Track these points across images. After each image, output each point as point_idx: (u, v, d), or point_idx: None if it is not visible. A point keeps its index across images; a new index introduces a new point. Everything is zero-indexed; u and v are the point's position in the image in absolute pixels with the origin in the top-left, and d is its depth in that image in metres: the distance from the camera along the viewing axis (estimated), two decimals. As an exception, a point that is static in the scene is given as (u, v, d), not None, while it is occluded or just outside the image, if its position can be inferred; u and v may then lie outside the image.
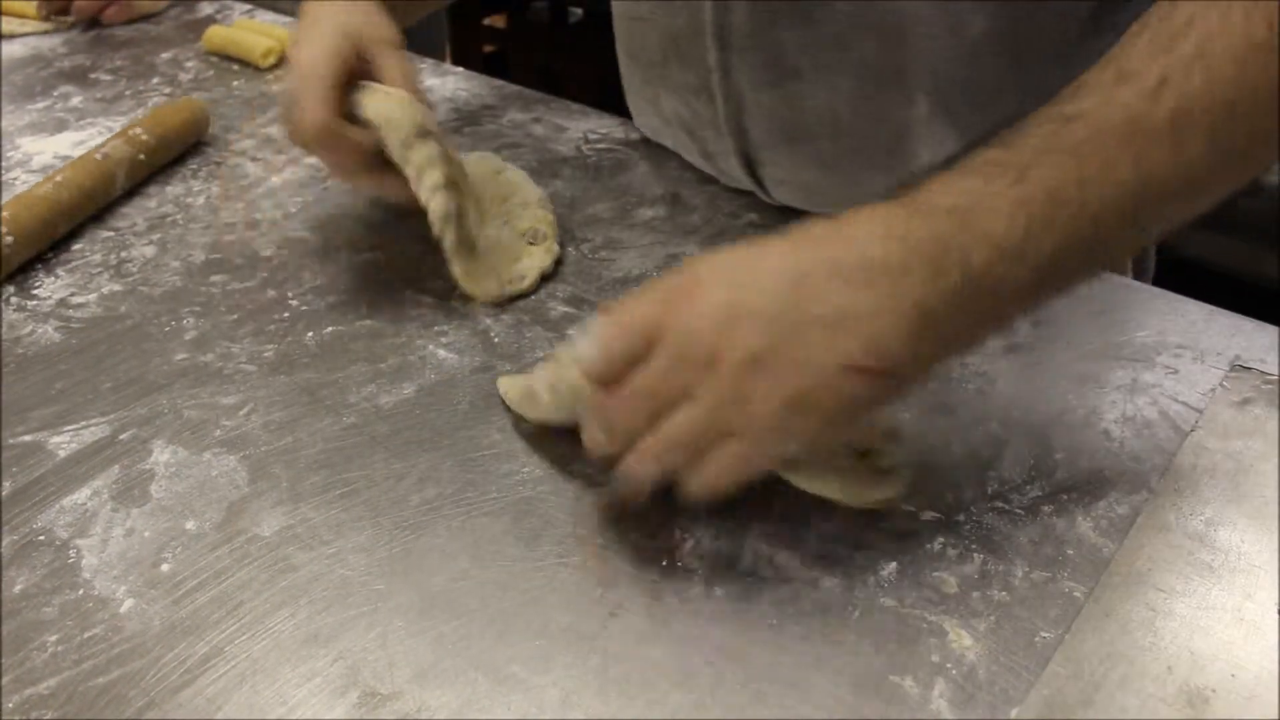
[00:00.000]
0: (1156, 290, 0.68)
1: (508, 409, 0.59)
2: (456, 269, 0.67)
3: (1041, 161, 0.45)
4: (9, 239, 0.70)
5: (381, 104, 0.66)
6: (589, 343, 0.48)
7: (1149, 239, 0.62)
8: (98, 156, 0.79)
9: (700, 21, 0.70)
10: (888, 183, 0.52)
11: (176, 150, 0.85)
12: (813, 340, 0.43)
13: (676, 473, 0.47)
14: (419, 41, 1.20)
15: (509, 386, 0.59)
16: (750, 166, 0.75)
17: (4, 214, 0.70)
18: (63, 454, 0.57)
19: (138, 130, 0.82)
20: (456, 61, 1.87)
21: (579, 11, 2.08)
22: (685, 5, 0.71)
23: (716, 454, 0.45)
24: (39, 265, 0.73)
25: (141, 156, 0.80)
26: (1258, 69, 0.46)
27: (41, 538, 0.52)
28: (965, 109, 0.67)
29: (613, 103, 0.94)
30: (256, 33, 1.04)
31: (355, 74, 0.67)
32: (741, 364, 0.44)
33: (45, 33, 1.10)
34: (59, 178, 0.75)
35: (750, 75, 0.71)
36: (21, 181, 0.81)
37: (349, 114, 0.66)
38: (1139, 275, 0.78)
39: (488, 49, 2.44)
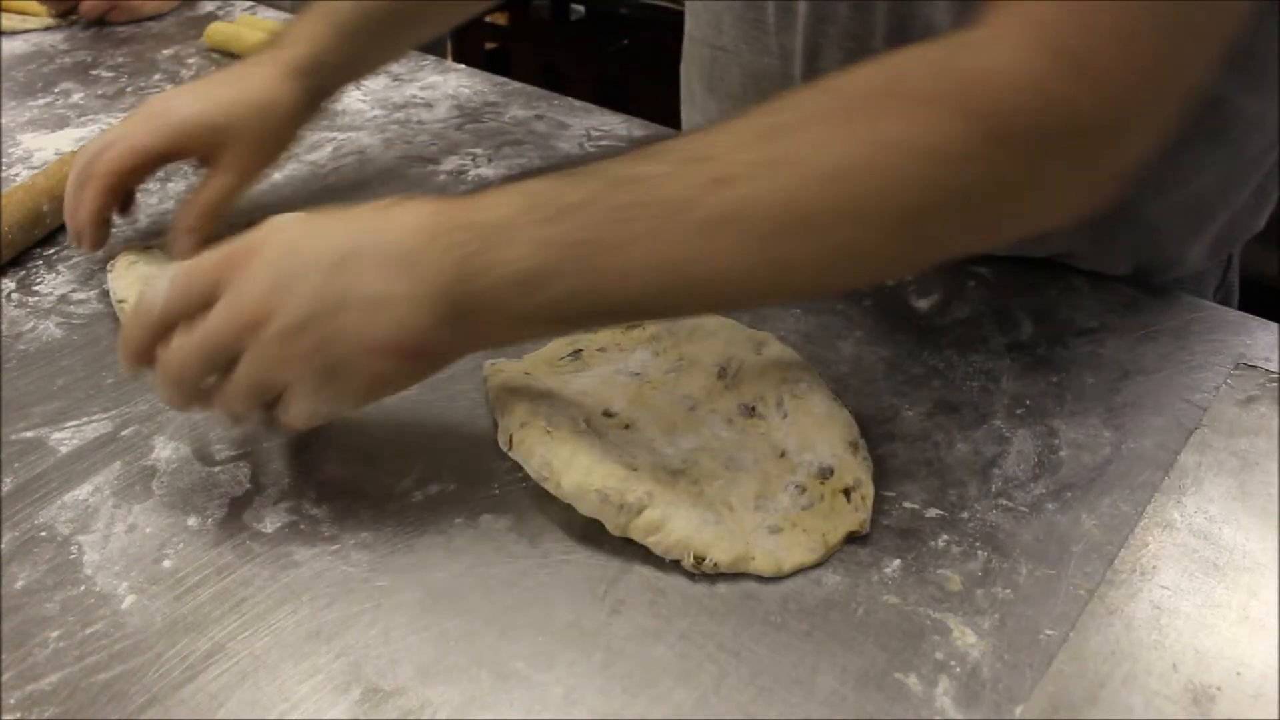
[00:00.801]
0: (1159, 288, 0.68)
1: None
2: None
3: (578, 213, 0.46)
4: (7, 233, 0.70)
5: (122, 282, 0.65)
6: (157, 291, 0.50)
7: (691, 314, 0.61)
8: (75, 148, 0.79)
9: (790, 67, 0.68)
10: None
11: None
12: (347, 319, 0.47)
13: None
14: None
15: (495, 379, 0.58)
16: None
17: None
18: (64, 450, 0.57)
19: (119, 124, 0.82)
20: (458, 58, 1.87)
21: (581, 9, 2.08)
22: (777, 46, 0.69)
23: (282, 405, 0.50)
24: (39, 261, 0.72)
25: None
26: (837, 192, 0.45)
27: (43, 534, 0.52)
28: None
29: (614, 99, 0.94)
30: (259, 29, 1.04)
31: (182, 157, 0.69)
32: (285, 329, 0.47)
33: (47, 29, 1.10)
34: (41, 171, 0.76)
35: None
36: (23, 178, 0.81)
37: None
38: (1225, 301, 0.77)
39: (489, 46, 2.44)
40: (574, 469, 0.51)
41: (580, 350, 0.61)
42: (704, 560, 0.49)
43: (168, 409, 0.59)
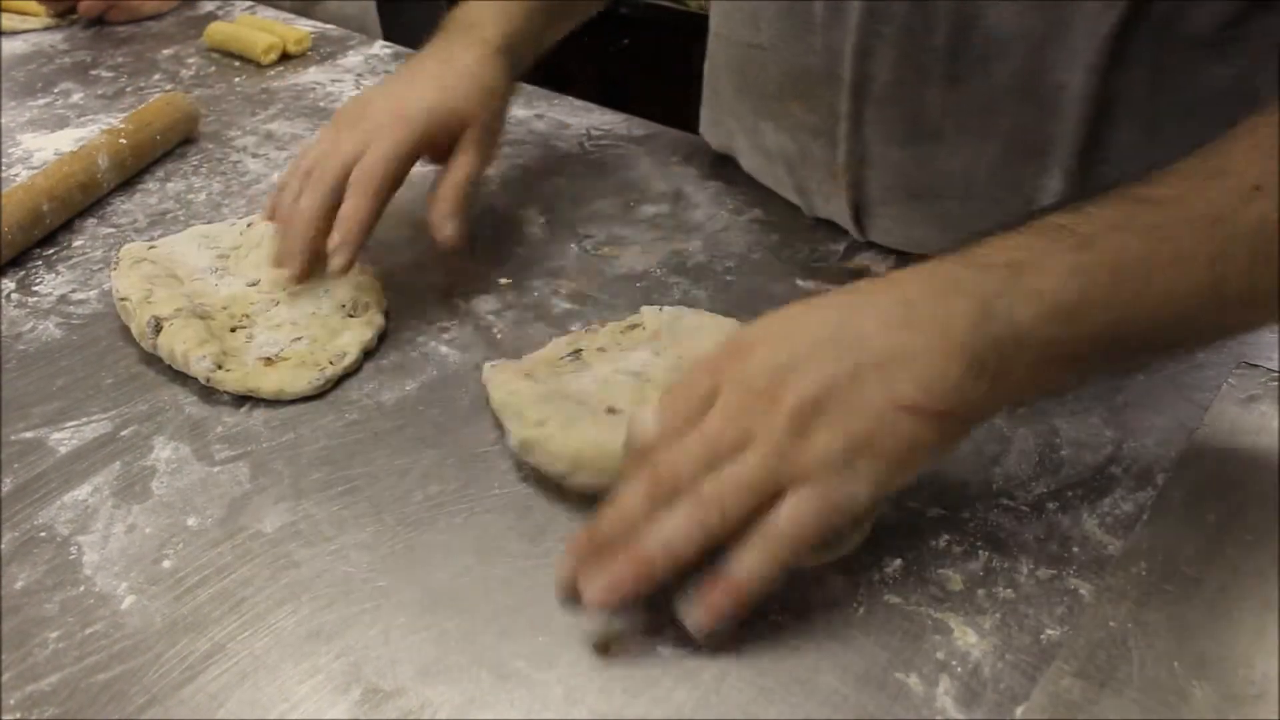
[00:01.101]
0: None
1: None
2: (250, 385, 0.60)
3: (1110, 237, 0.44)
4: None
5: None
6: (645, 416, 0.46)
7: (1206, 342, 0.57)
8: (75, 147, 0.80)
9: (837, 66, 0.66)
10: None
11: (159, 131, 0.84)
12: (866, 382, 0.43)
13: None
14: (421, 38, 1.20)
15: (496, 381, 0.58)
16: (858, 214, 0.72)
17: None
18: (64, 450, 0.57)
19: (118, 125, 0.82)
20: (458, 59, 1.86)
21: (581, 9, 2.08)
22: (822, 44, 0.67)
23: (783, 506, 0.43)
24: (39, 262, 0.72)
25: (122, 140, 0.80)
26: None
27: (43, 534, 0.52)
28: (1095, 187, 0.64)
29: (615, 99, 0.94)
30: (258, 29, 1.04)
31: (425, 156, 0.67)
32: (799, 408, 0.43)
33: (47, 29, 1.10)
34: (41, 171, 0.76)
35: (884, 130, 0.67)
36: (22, 178, 0.81)
37: None
38: None
39: (489, 46, 2.43)
40: (603, 457, 0.51)
41: (580, 350, 0.61)
42: None
43: (167, 409, 0.59)
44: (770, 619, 0.47)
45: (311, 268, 0.64)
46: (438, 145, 0.67)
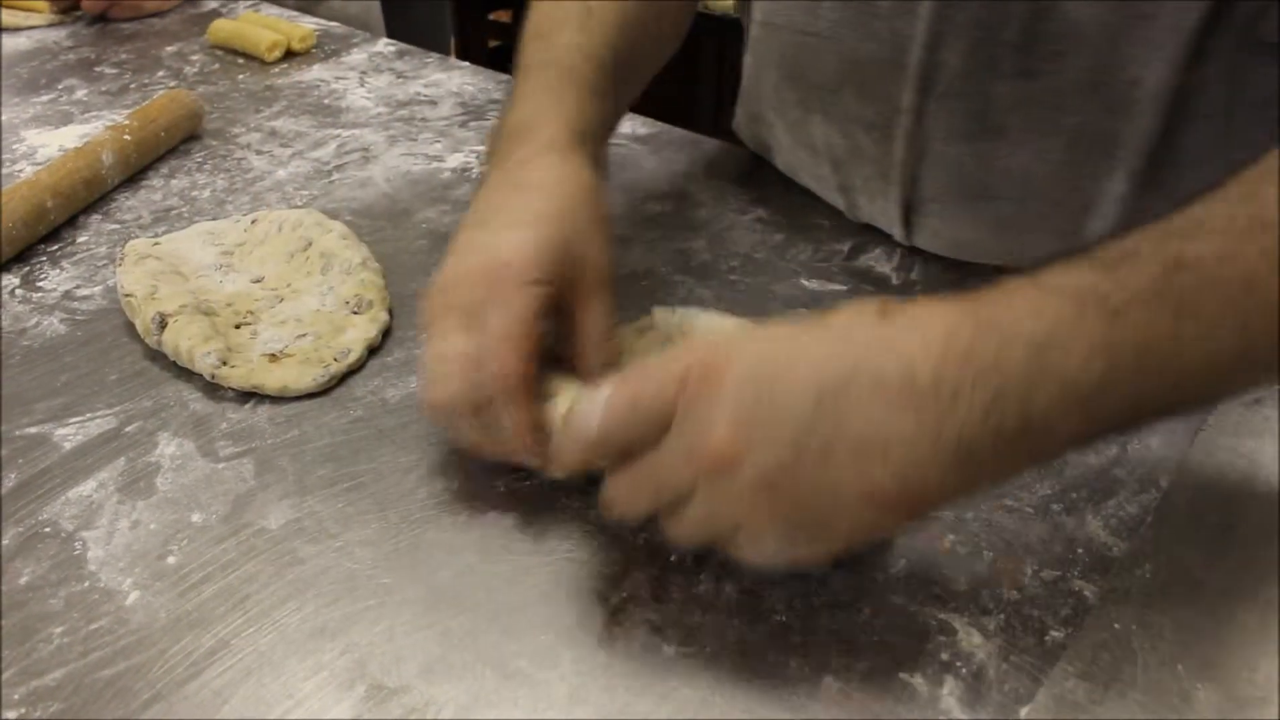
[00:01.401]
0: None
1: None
2: (256, 380, 0.60)
3: (1140, 307, 0.40)
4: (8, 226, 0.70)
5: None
6: (591, 413, 0.44)
7: (1226, 399, 0.55)
8: (79, 144, 0.80)
9: (901, 56, 0.64)
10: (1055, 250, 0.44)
11: (164, 127, 0.84)
12: (837, 463, 0.40)
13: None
14: (425, 36, 1.21)
15: None
16: (906, 215, 0.70)
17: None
18: (68, 446, 0.57)
19: (122, 121, 0.82)
20: (461, 56, 1.87)
21: (583, 8, 2.08)
22: (888, 33, 0.64)
23: (736, 543, 0.44)
24: (44, 258, 0.72)
25: (127, 137, 0.80)
26: None
27: (47, 530, 0.52)
28: (1161, 191, 0.62)
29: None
30: (262, 26, 1.04)
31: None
32: (753, 481, 0.41)
33: (50, 25, 1.10)
34: (45, 167, 0.76)
35: (947, 125, 0.65)
36: (27, 174, 0.81)
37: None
38: None
39: (493, 43, 2.44)
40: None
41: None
42: None
43: (172, 405, 0.59)
44: (774, 619, 0.47)
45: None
46: (564, 295, 0.54)
